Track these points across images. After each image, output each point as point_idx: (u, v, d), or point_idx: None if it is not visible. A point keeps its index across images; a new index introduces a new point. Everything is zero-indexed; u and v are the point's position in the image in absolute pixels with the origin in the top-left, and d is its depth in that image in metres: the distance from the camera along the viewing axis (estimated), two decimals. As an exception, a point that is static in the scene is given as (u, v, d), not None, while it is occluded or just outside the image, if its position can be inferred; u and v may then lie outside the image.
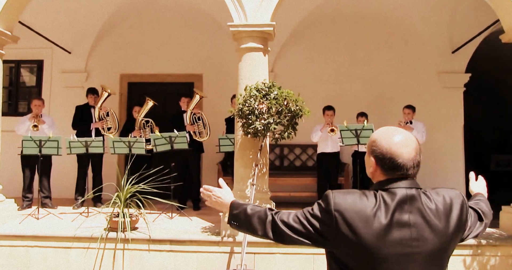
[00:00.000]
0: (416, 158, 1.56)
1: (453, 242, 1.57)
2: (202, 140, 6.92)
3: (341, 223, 1.50)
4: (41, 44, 7.84)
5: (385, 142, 1.56)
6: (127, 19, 8.42)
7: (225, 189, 1.91)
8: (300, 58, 8.48)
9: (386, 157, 1.54)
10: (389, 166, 1.55)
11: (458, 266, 4.93)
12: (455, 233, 1.56)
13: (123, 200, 5.21)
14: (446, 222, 1.53)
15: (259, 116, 4.67)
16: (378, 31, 8.41)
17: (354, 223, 1.49)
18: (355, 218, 1.49)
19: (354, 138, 6.06)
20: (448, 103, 8.28)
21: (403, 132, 1.58)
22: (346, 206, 1.51)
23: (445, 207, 1.56)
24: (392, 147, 1.54)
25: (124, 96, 8.51)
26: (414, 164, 1.55)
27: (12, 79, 8.64)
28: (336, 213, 1.51)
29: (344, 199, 1.54)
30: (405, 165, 1.53)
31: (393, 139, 1.55)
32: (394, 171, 1.54)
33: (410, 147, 1.55)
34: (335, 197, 1.54)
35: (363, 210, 1.50)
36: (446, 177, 8.08)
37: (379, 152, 1.56)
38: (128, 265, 5.10)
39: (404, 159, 1.53)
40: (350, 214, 1.50)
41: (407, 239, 1.49)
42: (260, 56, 5.37)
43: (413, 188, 1.54)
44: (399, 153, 1.53)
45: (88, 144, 6.25)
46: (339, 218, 1.50)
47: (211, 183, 7.00)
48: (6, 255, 5.19)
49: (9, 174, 6.74)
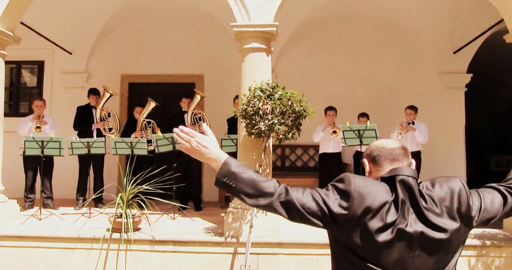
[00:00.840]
0: (403, 153, 1.66)
1: (460, 229, 1.55)
2: (203, 140, 6.88)
3: (358, 203, 1.50)
4: (42, 44, 7.83)
5: (373, 144, 1.75)
6: (128, 20, 8.40)
7: (212, 138, 1.62)
8: (301, 59, 8.49)
9: (373, 149, 1.70)
10: (376, 155, 1.67)
11: (463, 267, 4.92)
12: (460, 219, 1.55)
13: (126, 201, 5.19)
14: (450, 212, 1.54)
15: (263, 117, 4.65)
16: (379, 32, 8.42)
17: (372, 204, 1.50)
18: (375, 200, 1.50)
19: (357, 138, 6.06)
20: (449, 104, 8.29)
21: (391, 140, 1.76)
22: (366, 187, 1.53)
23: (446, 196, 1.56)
24: (377, 144, 1.72)
25: (124, 97, 8.49)
26: (399, 153, 1.65)
27: (13, 80, 8.62)
28: (355, 194, 1.51)
29: (364, 181, 1.56)
30: (391, 150, 1.65)
31: (381, 141, 1.75)
32: (381, 158, 1.65)
33: (395, 144, 1.69)
34: (355, 178, 1.56)
35: (380, 194, 1.52)
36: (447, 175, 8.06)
37: (368, 151, 1.72)
38: (131, 266, 5.08)
39: (387, 148, 1.67)
40: (369, 196, 1.51)
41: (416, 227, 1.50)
42: (263, 56, 5.37)
43: (416, 178, 1.57)
44: (383, 146, 1.69)
45: (90, 144, 6.23)
46: (357, 198, 1.50)
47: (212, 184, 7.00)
48: (8, 256, 5.17)
49: (10, 175, 6.73)
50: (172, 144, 6.24)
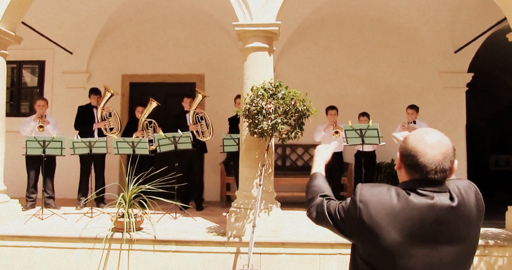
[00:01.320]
0: (442, 163, 1.48)
1: (476, 240, 1.55)
2: (205, 140, 6.91)
3: (364, 214, 1.48)
4: (42, 44, 7.82)
5: (414, 139, 1.52)
6: (128, 20, 8.40)
7: (326, 154, 2.03)
8: (302, 58, 8.49)
9: (410, 153, 1.50)
10: (409, 164, 1.51)
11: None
12: (476, 226, 1.53)
13: (128, 201, 5.18)
14: (469, 223, 1.50)
15: (266, 116, 4.65)
16: (380, 31, 8.43)
17: (378, 216, 1.47)
18: (380, 211, 1.47)
19: (359, 137, 6.05)
20: (450, 104, 8.30)
21: (438, 135, 1.52)
22: (371, 198, 1.50)
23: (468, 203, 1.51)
24: (418, 145, 1.50)
25: (125, 96, 8.48)
26: (437, 168, 1.47)
27: (14, 80, 8.61)
28: (360, 204, 1.50)
29: (371, 191, 1.53)
30: (426, 166, 1.47)
31: (423, 138, 1.51)
32: (413, 170, 1.50)
33: (438, 149, 1.48)
34: (362, 189, 1.54)
35: (390, 203, 1.48)
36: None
37: (404, 147, 1.53)
38: (133, 265, 5.07)
39: (426, 159, 1.47)
40: (375, 206, 1.48)
41: (432, 239, 1.45)
42: (265, 55, 5.36)
43: (442, 192, 1.50)
44: (423, 152, 1.48)
45: (92, 144, 6.22)
46: (363, 209, 1.49)
47: (214, 183, 7.06)
48: (10, 256, 5.16)
49: (12, 174, 6.73)
50: (174, 144, 6.23)
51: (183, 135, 6.20)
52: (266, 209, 5.07)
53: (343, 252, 4.87)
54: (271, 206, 5.16)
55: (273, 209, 5.14)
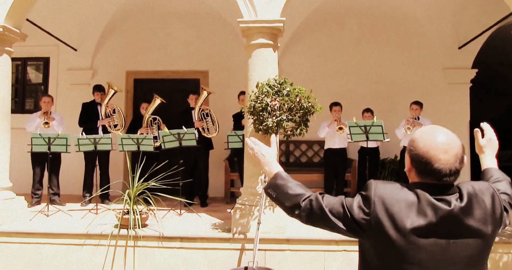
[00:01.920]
0: (454, 165, 1.47)
1: (491, 240, 1.53)
2: (210, 136, 6.92)
3: (379, 209, 1.47)
4: (47, 41, 7.83)
5: (424, 143, 1.49)
6: (132, 16, 8.40)
7: (272, 149, 1.82)
8: (306, 55, 8.47)
9: (422, 160, 1.48)
10: (422, 170, 1.50)
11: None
12: (492, 230, 1.52)
13: (133, 197, 5.21)
14: (485, 222, 1.49)
15: (271, 113, 4.65)
16: (384, 27, 8.40)
17: (393, 210, 1.45)
18: (395, 206, 1.46)
19: (363, 134, 6.05)
20: (454, 99, 8.27)
21: (446, 135, 1.49)
22: (384, 192, 1.50)
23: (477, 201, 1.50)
24: (429, 150, 1.47)
25: (130, 93, 8.50)
26: (451, 172, 1.46)
27: (18, 76, 8.63)
28: (375, 198, 1.48)
29: (384, 186, 1.52)
30: (440, 172, 1.46)
31: (433, 142, 1.48)
32: (427, 176, 1.49)
33: (450, 153, 1.46)
34: (377, 184, 1.53)
35: (404, 199, 1.47)
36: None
37: (415, 153, 1.50)
38: (138, 262, 5.10)
39: (440, 165, 1.45)
40: (389, 200, 1.47)
41: (446, 238, 1.46)
42: (270, 52, 5.35)
43: (452, 193, 1.50)
44: (436, 158, 1.46)
45: (97, 141, 6.25)
46: (378, 203, 1.47)
47: (218, 180, 7.04)
48: (17, 253, 5.19)
49: (17, 171, 6.75)
50: (178, 140, 6.25)
51: (188, 131, 6.21)
52: (271, 206, 5.09)
53: (348, 249, 4.89)
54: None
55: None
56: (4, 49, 5.67)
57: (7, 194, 5.65)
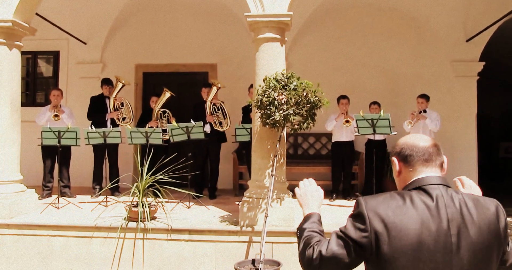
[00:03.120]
0: (436, 151, 1.60)
1: (493, 249, 1.52)
2: (222, 130, 6.97)
3: (375, 221, 1.48)
4: (57, 35, 7.90)
5: (404, 140, 1.66)
6: (142, 10, 8.43)
7: (316, 193, 1.84)
8: (314, 48, 8.46)
9: (402, 148, 1.62)
10: (405, 157, 1.60)
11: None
12: (493, 234, 1.52)
13: (142, 190, 5.27)
14: (484, 222, 1.51)
15: (278, 107, 4.67)
16: (391, 20, 8.35)
17: (388, 219, 1.47)
18: (389, 214, 1.47)
19: (370, 127, 6.04)
20: (461, 92, 8.22)
21: (423, 135, 1.68)
22: (377, 204, 1.51)
23: (481, 206, 1.53)
24: (408, 142, 1.63)
25: (139, 86, 8.56)
26: (432, 153, 1.59)
27: (29, 70, 8.72)
28: (368, 212, 1.49)
29: (375, 199, 1.54)
30: (422, 149, 1.59)
31: (411, 136, 1.68)
32: (413, 158, 1.58)
33: (428, 142, 1.62)
34: (365, 199, 1.55)
35: (396, 207, 1.49)
36: (458, 166, 8.03)
37: (398, 148, 1.64)
38: (147, 254, 5.18)
39: (419, 149, 1.59)
40: (383, 211, 1.49)
41: (447, 236, 1.46)
42: (277, 46, 5.35)
43: (444, 185, 1.54)
44: (415, 143, 1.61)
45: (106, 134, 6.32)
46: (373, 217, 1.48)
47: (227, 171, 7.08)
48: (29, 244, 5.29)
49: (28, 164, 6.86)
50: (187, 133, 6.30)
51: (196, 124, 6.25)
52: (278, 199, 5.13)
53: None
54: (283, 195, 5.21)
55: (285, 198, 5.20)
56: (13, 44, 5.72)
57: (18, 186, 5.74)
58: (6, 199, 5.48)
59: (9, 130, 5.67)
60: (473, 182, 1.85)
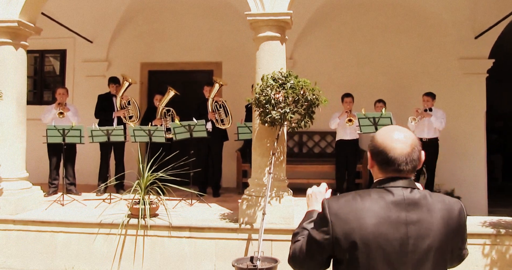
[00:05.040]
0: (411, 155, 1.56)
1: (449, 247, 1.57)
2: (224, 128, 7.01)
3: (336, 225, 1.54)
4: (64, 34, 7.98)
5: (381, 137, 1.60)
6: (146, 8, 8.49)
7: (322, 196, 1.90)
8: (319, 45, 8.43)
9: (379, 149, 1.57)
10: (381, 160, 1.58)
11: (476, 255, 4.92)
12: (452, 238, 1.57)
13: (143, 187, 5.34)
14: (443, 224, 1.54)
15: (276, 106, 4.69)
16: (398, 17, 8.28)
17: (348, 224, 1.52)
18: (350, 218, 1.53)
19: (372, 125, 6.02)
20: (470, 90, 8.12)
21: (403, 131, 1.60)
22: (339, 208, 1.56)
23: (443, 208, 1.57)
24: (385, 140, 1.57)
25: (144, 84, 8.63)
26: (407, 160, 1.55)
27: (36, 68, 8.85)
28: (331, 217, 1.55)
29: (338, 202, 1.58)
30: (396, 159, 1.54)
31: (389, 135, 1.59)
32: (386, 165, 1.58)
33: (405, 143, 1.56)
34: (329, 202, 1.60)
35: (357, 209, 1.53)
36: (467, 164, 7.97)
37: (373, 145, 1.61)
38: (148, 251, 5.25)
39: (396, 153, 1.54)
40: (344, 215, 1.54)
41: (403, 238, 1.50)
42: (277, 45, 5.36)
43: (410, 187, 1.57)
44: (391, 147, 1.55)
45: (110, 132, 6.40)
46: (334, 221, 1.54)
47: (230, 170, 7.08)
48: (33, 240, 5.40)
49: (35, 161, 6.98)
50: (189, 132, 6.35)
51: (198, 123, 6.30)
52: (278, 197, 5.15)
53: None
54: (283, 193, 5.23)
55: (284, 196, 5.21)
56: (19, 43, 5.81)
57: (23, 183, 5.84)
58: (11, 195, 5.58)
59: (15, 128, 5.77)
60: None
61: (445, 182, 7.63)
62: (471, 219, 5.71)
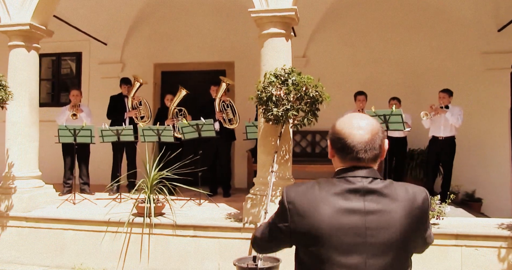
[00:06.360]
0: (371, 143, 1.49)
1: (412, 237, 1.50)
2: (231, 127, 6.97)
3: (294, 213, 1.50)
4: (79, 37, 8.15)
5: (340, 124, 1.54)
6: (159, 9, 8.57)
7: None
8: (333, 42, 8.29)
9: (337, 136, 1.52)
10: (339, 147, 1.52)
11: (492, 258, 4.70)
12: (415, 228, 1.51)
13: (150, 186, 5.36)
14: (406, 214, 1.47)
15: (277, 103, 4.61)
16: (414, 11, 8.04)
17: (304, 212, 1.48)
18: (306, 207, 1.49)
19: (383, 123, 5.84)
20: (493, 86, 7.79)
21: (364, 118, 1.53)
22: (296, 196, 1.52)
23: (406, 198, 1.50)
24: (344, 127, 1.51)
25: (157, 85, 8.71)
26: (366, 148, 1.49)
27: (54, 71, 9.06)
28: (289, 205, 1.52)
29: (296, 190, 1.55)
30: (355, 147, 1.48)
31: (349, 121, 1.52)
32: (345, 153, 1.51)
33: (365, 129, 1.49)
34: (287, 190, 1.56)
35: (314, 198, 1.49)
36: (489, 165, 7.66)
37: (332, 132, 1.55)
38: (153, 249, 5.26)
39: (354, 140, 1.48)
40: (301, 203, 1.50)
41: (360, 227, 1.44)
42: (282, 41, 5.28)
43: (370, 177, 1.50)
44: (350, 133, 1.49)
45: (119, 132, 6.45)
46: (292, 209, 1.51)
47: (243, 170, 7.04)
48: (44, 237, 5.51)
49: (53, 162, 7.15)
50: (198, 131, 6.33)
51: (206, 122, 6.28)
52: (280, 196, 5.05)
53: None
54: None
55: (289, 195, 5.11)
56: (31, 46, 5.95)
57: (36, 182, 5.98)
58: (24, 193, 5.73)
59: (28, 128, 5.90)
60: None
61: (464, 183, 7.36)
62: (488, 220, 5.48)
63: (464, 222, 5.07)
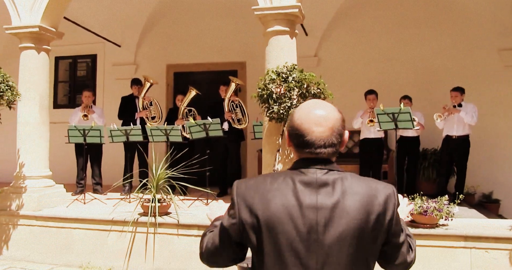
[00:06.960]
0: (330, 138, 1.42)
1: (372, 237, 1.39)
2: (240, 127, 6.94)
3: (242, 208, 1.43)
4: (94, 39, 8.29)
5: (298, 116, 1.45)
6: (171, 11, 8.63)
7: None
8: (344, 41, 8.17)
9: (296, 132, 1.44)
10: (297, 143, 1.45)
11: (503, 261, 4.50)
12: (375, 227, 1.39)
13: (155, 186, 5.37)
14: (362, 209, 1.38)
15: (278, 101, 4.55)
16: (428, 9, 7.86)
17: (253, 206, 1.41)
18: (256, 200, 1.41)
19: (391, 122, 5.71)
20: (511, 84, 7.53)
21: (323, 108, 1.44)
22: (246, 190, 1.45)
23: (366, 193, 1.40)
24: (303, 123, 1.43)
25: (170, 86, 8.76)
26: (325, 144, 1.41)
27: (70, 73, 9.23)
28: (237, 199, 1.45)
29: (246, 184, 1.48)
30: (314, 143, 1.41)
31: (308, 114, 1.43)
32: (302, 148, 1.44)
33: (324, 125, 1.41)
34: (238, 184, 1.50)
35: (264, 191, 1.42)
36: (507, 165, 7.38)
37: (290, 126, 1.47)
38: (158, 248, 5.26)
39: (313, 137, 1.41)
40: (250, 196, 1.43)
41: (311, 223, 1.36)
42: (286, 39, 5.23)
43: (326, 169, 1.42)
44: (309, 130, 1.41)
45: (128, 132, 6.50)
46: (240, 203, 1.44)
47: (252, 170, 7.02)
48: (53, 235, 5.59)
49: (67, 162, 7.26)
50: (205, 131, 6.33)
51: (213, 121, 6.27)
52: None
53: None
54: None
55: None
56: (41, 48, 6.06)
57: (46, 181, 6.07)
58: (34, 192, 5.82)
59: (38, 128, 6.01)
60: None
61: (481, 184, 7.12)
62: (500, 222, 5.27)
63: (474, 223, 4.89)
